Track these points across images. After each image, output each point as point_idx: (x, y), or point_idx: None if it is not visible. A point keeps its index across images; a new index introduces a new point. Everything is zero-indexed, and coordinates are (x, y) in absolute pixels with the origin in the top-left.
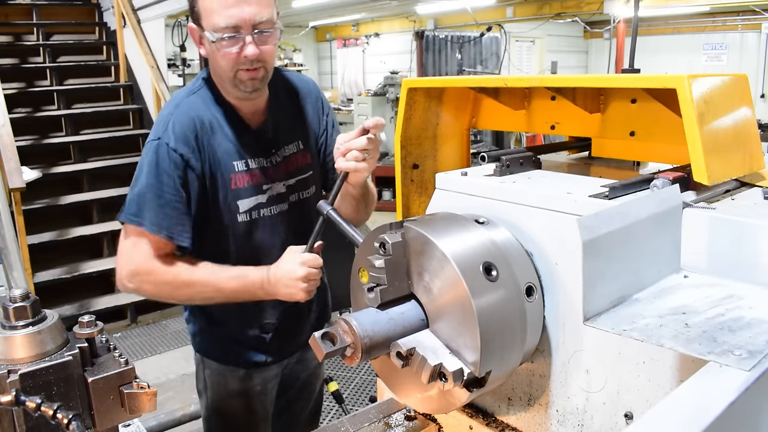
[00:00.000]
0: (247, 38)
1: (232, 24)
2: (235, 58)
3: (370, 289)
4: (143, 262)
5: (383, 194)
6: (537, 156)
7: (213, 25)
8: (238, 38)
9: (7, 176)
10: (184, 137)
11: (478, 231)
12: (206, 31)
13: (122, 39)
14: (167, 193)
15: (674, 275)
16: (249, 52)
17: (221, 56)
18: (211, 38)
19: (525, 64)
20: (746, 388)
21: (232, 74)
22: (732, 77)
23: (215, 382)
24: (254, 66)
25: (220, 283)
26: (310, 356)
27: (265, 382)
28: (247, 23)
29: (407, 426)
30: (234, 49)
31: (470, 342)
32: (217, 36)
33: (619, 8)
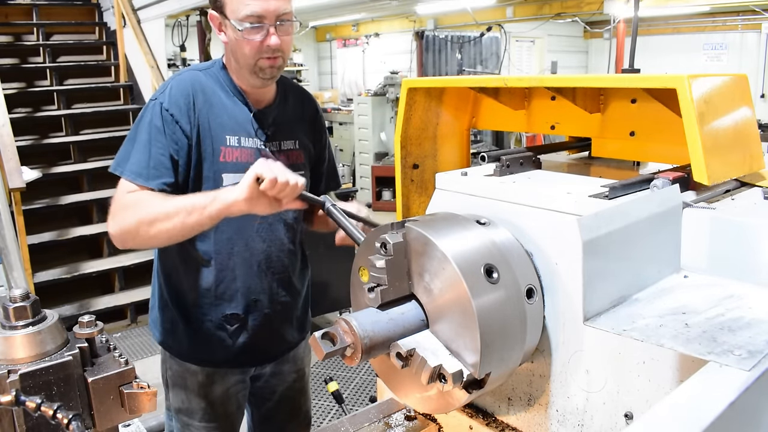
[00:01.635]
0: (270, 28)
1: (258, 14)
2: (258, 46)
3: (371, 289)
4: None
5: (383, 194)
6: (537, 156)
7: (238, 13)
8: (261, 27)
9: (7, 176)
10: (179, 101)
11: (479, 231)
12: (230, 19)
13: (122, 39)
14: (155, 147)
15: (674, 275)
16: (272, 42)
17: (245, 44)
18: (238, 27)
19: (525, 64)
20: (746, 388)
21: (253, 62)
22: (732, 77)
23: (176, 383)
24: (275, 54)
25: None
26: (286, 369)
27: (226, 388)
28: (271, 14)
29: (407, 426)
30: (257, 38)
31: (470, 344)
32: (244, 25)
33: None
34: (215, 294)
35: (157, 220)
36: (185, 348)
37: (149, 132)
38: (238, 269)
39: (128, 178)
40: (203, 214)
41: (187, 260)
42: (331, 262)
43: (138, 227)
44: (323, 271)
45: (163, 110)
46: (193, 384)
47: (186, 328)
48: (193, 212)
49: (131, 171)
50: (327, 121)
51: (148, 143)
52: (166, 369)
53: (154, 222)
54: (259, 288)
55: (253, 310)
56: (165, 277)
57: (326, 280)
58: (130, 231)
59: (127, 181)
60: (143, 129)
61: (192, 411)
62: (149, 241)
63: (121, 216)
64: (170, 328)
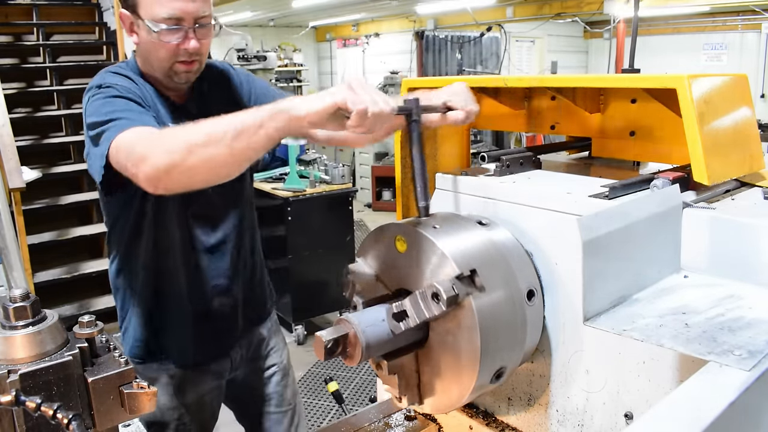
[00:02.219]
0: (188, 31)
1: (176, 15)
2: (174, 49)
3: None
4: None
5: (383, 194)
6: (537, 156)
7: (154, 14)
8: (179, 30)
9: (7, 176)
10: (129, 85)
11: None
12: (145, 20)
13: (122, 39)
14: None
15: (674, 275)
16: (190, 45)
17: (160, 46)
18: (153, 28)
19: (525, 64)
20: (746, 388)
21: (168, 65)
22: (732, 77)
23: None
24: (192, 59)
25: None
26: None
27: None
28: (190, 16)
29: (407, 426)
30: (174, 40)
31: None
32: (159, 26)
33: (619, 8)
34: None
35: (194, 145)
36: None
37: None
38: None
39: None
40: (258, 134)
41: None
42: (331, 262)
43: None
44: (323, 271)
45: (116, 75)
46: (164, 398)
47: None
48: (243, 133)
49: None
50: None
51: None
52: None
53: (190, 150)
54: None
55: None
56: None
57: (326, 280)
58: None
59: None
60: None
61: (165, 424)
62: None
63: (156, 147)
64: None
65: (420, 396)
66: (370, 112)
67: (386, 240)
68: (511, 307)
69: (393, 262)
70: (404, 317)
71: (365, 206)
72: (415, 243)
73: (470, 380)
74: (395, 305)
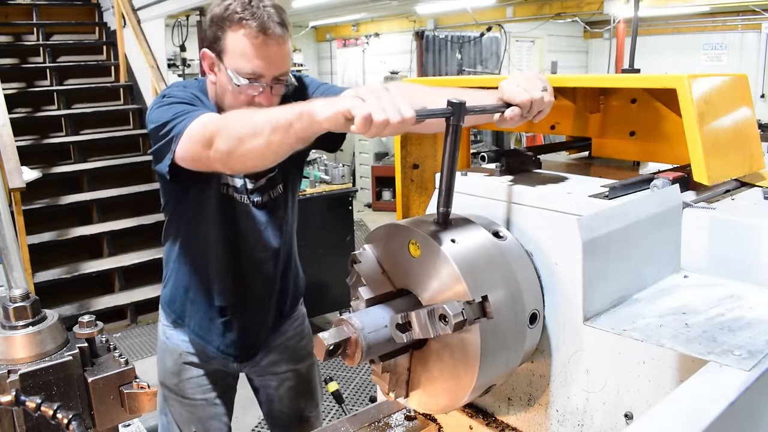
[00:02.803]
0: (267, 88)
1: (259, 73)
2: (249, 100)
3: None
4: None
5: (383, 194)
6: (537, 156)
7: (239, 68)
8: (257, 84)
9: (7, 176)
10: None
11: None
12: (229, 69)
13: (122, 39)
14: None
15: (674, 275)
16: (263, 101)
17: (235, 96)
18: (235, 80)
19: (525, 64)
20: (746, 388)
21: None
22: (732, 77)
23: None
24: (261, 107)
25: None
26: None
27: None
28: (271, 74)
29: (407, 426)
30: (251, 93)
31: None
32: (241, 81)
33: (619, 8)
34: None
35: (245, 137)
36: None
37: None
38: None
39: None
40: (288, 133)
41: (183, 255)
42: (331, 262)
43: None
44: (323, 271)
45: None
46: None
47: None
48: (277, 130)
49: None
50: None
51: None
52: (159, 338)
53: (242, 140)
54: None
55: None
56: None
57: (326, 280)
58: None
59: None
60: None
61: (168, 386)
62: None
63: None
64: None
65: (407, 390)
66: (375, 120)
67: (399, 240)
68: (513, 330)
69: (402, 263)
70: (408, 329)
71: (365, 206)
72: (430, 254)
73: (462, 393)
74: (401, 316)
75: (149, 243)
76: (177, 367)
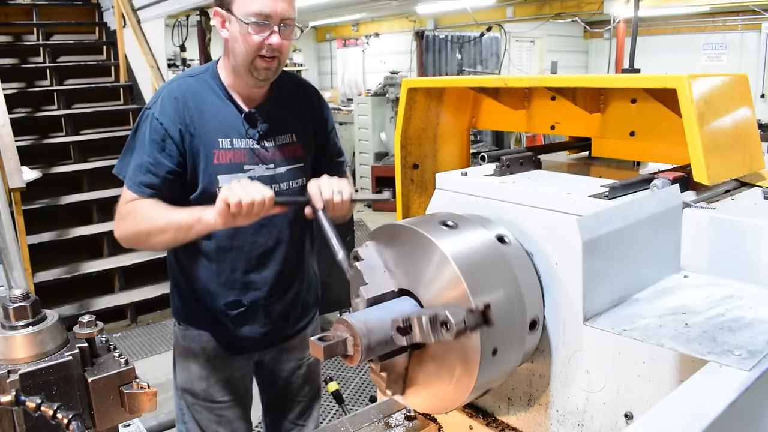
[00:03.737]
0: (274, 27)
1: (265, 12)
2: (259, 43)
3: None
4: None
5: (383, 194)
6: (537, 156)
7: (246, 9)
8: (266, 26)
9: (7, 176)
10: (169, 111)
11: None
12: (237, 14)
13: (122, 39)
14: (147, 155)
15: (674, 275)
16: (273, 41)
17: (247, 38)
18: (243, 20)
19: (525, 64)
20: (746, 388)
21: (250, 59)
22: (732, 77)
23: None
24: (273, 54)
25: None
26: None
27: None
28: (277, 15)
29: (407, 426)
30: (260, 36)
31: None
32: (249, 20)
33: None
34: (217, 283)
35: (151, 233)
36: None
37: (144, 144)
38: (238, 261)
39: (129, 188)
40: (190, 232)
41: (190, 254)
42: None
43: (137, 238)
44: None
45: (154, 120)
46: (195, 366)
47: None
48: (181, 230)
49: (130, 179)
50: None
51: (144, 154)
52: (174, 349)
53: (149, 235)
54: (258, 279)
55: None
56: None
57: (326, 280)
58: (131, 239)
59: (127, 189)
60: (140, 140)
61: (195, 392)
62: (152, 248)
63: (122, 225)
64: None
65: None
66: (243, 202)
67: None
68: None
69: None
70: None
71: (365, 206)
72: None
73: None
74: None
75: None
76: (205, 371)
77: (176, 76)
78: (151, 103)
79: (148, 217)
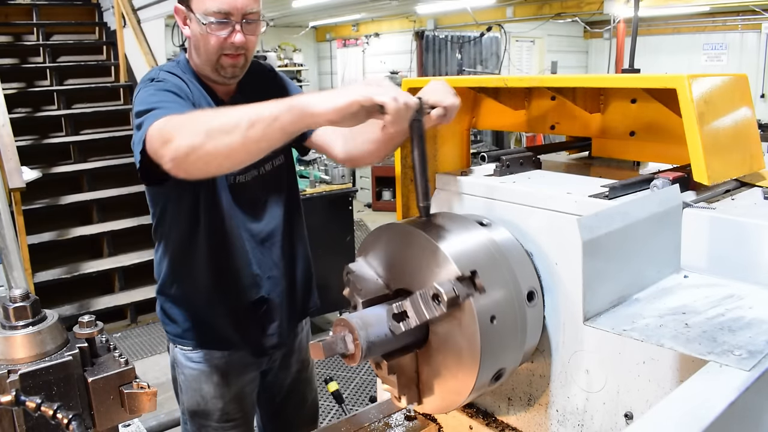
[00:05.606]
0: (236, 25)
1: (225, 10)
2: (221, 42)
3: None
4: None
5: (383, 194)
6: (537, 156)
7: (205, 8)
8: (227, 24)
9: (7, 176)
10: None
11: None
12: (197, 12)
13: (122, 39)
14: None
15: (674, 275)
16: (236, 39)
17: (209, 38)
18: (202, 20)
19: (525, 64)
20: (746, 388)
21: (215, 58)
22: (732, 77)
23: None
24: (238, 52)
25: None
26: (293, 360)
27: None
28: (238, 11)
29: (407, 426)
30: (222, 34)
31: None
32: (208, 19)
33: (619, 8)
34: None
35: (237, 127)
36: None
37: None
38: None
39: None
40: (272, 126)
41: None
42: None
43: (207, 140)
44: (323, 272)
45: (169, 75)
46: (208, 386)
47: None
48: (257, 123)
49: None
50: None
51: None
52: (178, 373)
53: (232, 129)
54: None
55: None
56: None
57: (326, 281)
58: (194, 148)
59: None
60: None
61: (208, 413)
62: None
63: (181, 132)
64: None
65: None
66: (402, 101)
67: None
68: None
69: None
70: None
71: (365, 206)
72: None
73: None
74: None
75: (149, 243)
76: (220, 389)
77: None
78: (152, 75)
79: (205, 117)
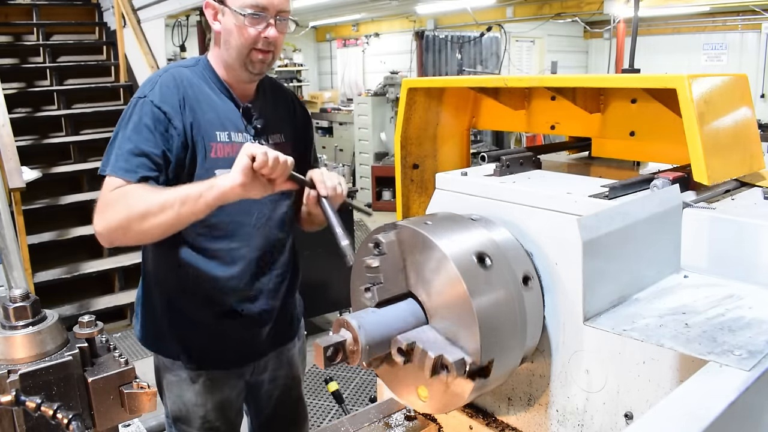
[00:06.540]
0: (270, 20)
1: (262, 4)
2: (255, 36)
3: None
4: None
5: (383, 194)
6: (537, 156)
7: (242, 1)
8: (262, 18)
9: (7, 176)
10: (169, 97)
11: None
12: (233, 6)
13: (122, 39)
14: (144, 145)
15: (674, 275)
16: (270, 33)
17: (243, 31)
18: (240, 12)
19: (525, 64)
20: (746, 388)
21: (246, 51)
22: (732, 77)
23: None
24: (269, 48)
25: (168, 193)
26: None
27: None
28: (274, 7)
29: (407, 426)
30: (256, 28)
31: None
32: (246, 11)
33: (619, 8)
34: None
35: (149, 213)
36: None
37: (138, 130)
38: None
39: (114, 174)
40: (198, 202)
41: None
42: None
43: (129, 222)
44: (323, 271)
45: (154, 108)
46: (189, 394)
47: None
48: (187, 202)
49: (117, 167)
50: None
51: (136, 140)
52: (162, 378)
53: (145, 216)
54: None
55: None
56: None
57: (326, 280)
58: (120, 227)
59: (112, 177)
60: (131, 127)
61: (190, 419)
62: (140, 237)
63: (110, 212)
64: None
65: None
66: (270, 157)
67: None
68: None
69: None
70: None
71: (365, 206)
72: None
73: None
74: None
75: None
76: (202, 398)
77: (169, 66)
78: (146, 91)
79: (144, 198)
